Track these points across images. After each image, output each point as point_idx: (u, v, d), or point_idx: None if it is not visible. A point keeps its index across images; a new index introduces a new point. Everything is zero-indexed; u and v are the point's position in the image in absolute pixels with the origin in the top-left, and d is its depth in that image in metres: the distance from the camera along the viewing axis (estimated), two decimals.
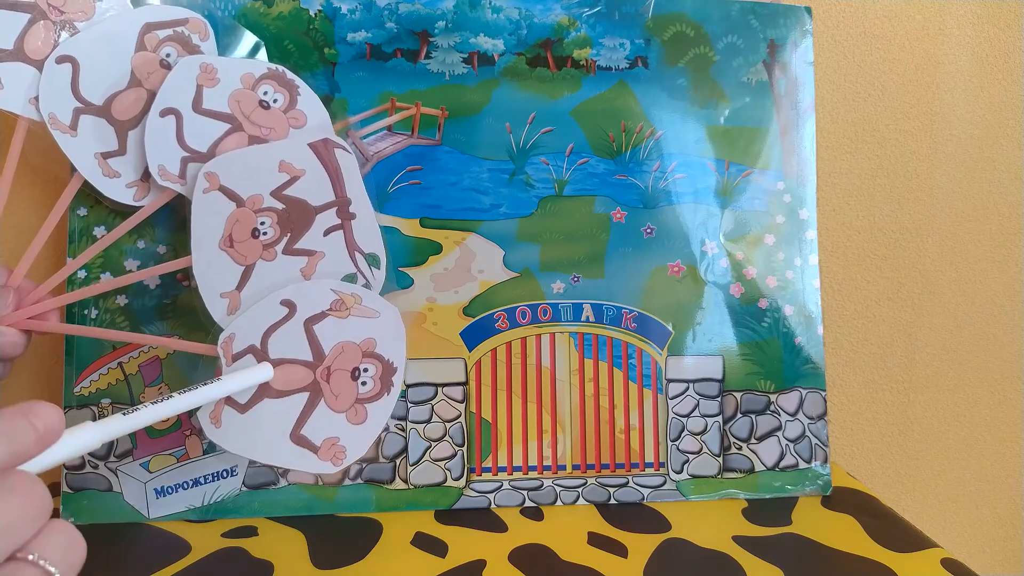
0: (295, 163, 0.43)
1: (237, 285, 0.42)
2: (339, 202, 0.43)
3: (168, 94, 0.42)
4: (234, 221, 0.42)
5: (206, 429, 0.41)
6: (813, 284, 0.53)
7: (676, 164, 0.52)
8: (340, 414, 0.42)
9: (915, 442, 0.67)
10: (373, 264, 0.44)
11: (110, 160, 0.43)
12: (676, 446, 0.51)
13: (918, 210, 0.65)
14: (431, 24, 0.50)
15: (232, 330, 0.41)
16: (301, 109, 0.44)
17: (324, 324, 0.42)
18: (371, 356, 0.43)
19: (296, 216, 0.43)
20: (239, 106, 0.43)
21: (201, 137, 0.43)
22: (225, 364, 0.41)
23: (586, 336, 0.51)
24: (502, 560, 0.43)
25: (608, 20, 0.52)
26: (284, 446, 0.41)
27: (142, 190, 0.43)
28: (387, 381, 0.43)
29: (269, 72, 0.44)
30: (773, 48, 0.53)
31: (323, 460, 0.42)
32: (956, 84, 0.65)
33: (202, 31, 0.44)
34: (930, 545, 0.46)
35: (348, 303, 0.42)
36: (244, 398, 0.41)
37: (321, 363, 0.42)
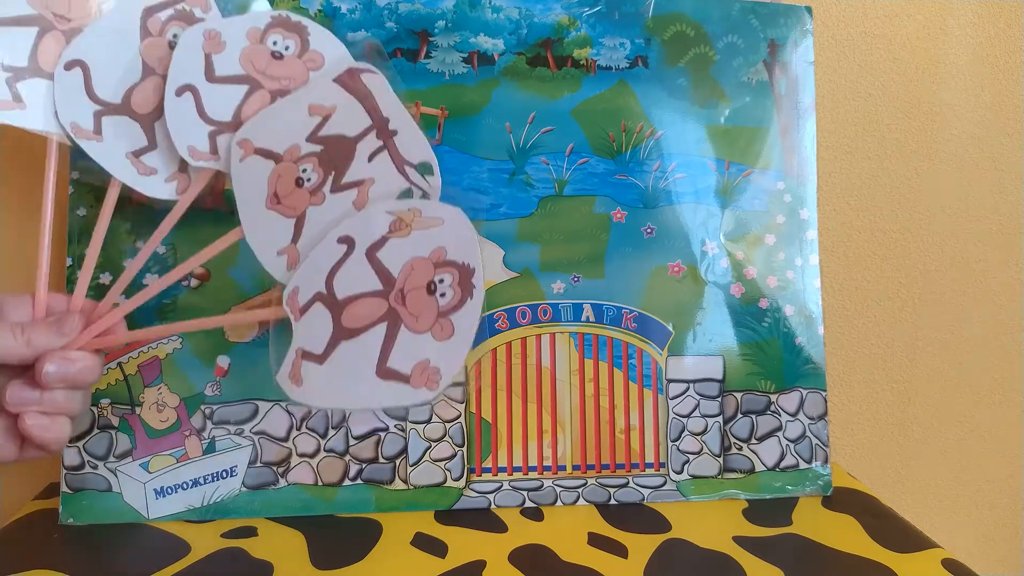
0: (324, 102, 0.41)
1: (292, 239, 0.40)
2: (377, 124, 0.41)
3: (178, 72, 0.41)
4: (276, 178, 0.40)
5: (287, 391, 0.39)
6: (814, 284, 0.53)
7: (676, 164, 0.52)
8: (424, 334, 0.40)
9: (915, 442, 0.67)
10: (426, 172, 0.42)
11: (143, 157, 0.41)
12: (676, 446, 0.51)
13: (918, 210, 0.65)
14: (431, 24, 0.50)
15: (295, 283, 0.40)
16: (315, 49, 0.43)
17: (388, 248, 0.40)
18: (444, 265, 0.40)
19: (336, 153, 0.41)
20: (252, 64, 0.42)
21: (223, 106, 0.41)
22: (294, 320, 0.39)
23: (586, 336, 0.51)
24: (502, 560, 0.43)
25: (608, 20, 0.52)
26: (373, 385, 0.39)
27: (183, 181, 0.42)
28: (467, 285, 0.40)
29: (273, 20, 0.43)
30: (773, 48, 0.53)
31: (417, 388, 0.39)
32: (956, 84, 0.65)
33: (203, 3, 0.43)
34: (930, 545, 0.46)
35: (407, 219, 0.40)
36: (319, 347, 0.39)
37: (393, 287, 0.40)
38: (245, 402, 0.47)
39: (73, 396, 0.38)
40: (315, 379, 0.39)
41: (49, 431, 0.37)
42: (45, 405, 0.37)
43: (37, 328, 0.38)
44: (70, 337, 0.38)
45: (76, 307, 0.40)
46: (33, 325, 0.38)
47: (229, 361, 0.47)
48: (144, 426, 0.47)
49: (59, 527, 0.45)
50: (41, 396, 0.37)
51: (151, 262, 0.46)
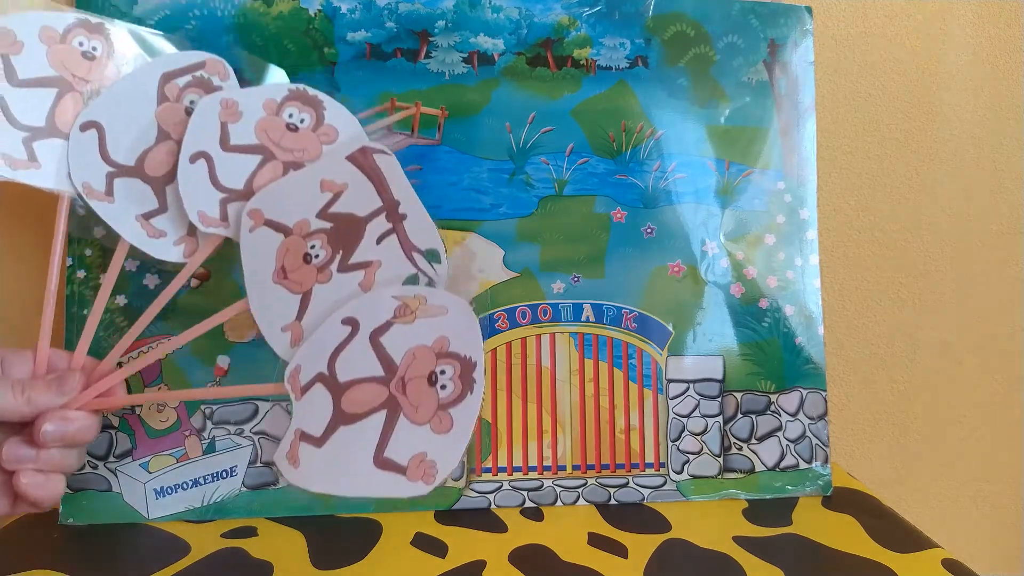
0: (336, 179, 0.41)
1: (297, 315, 0.40)
2: (387, 206, 0.42)
3: (194, 138, 0.41)
4: (284, 251, 0.41)
5: (284, 472, 0.39)
6: (814, 284, 0.53)
7: (676, 164, 0.52)
8: (423, 426, 0.40)
9: (915, 442, 0.67)
10: (433, 260, 0.42)
11: (152, 220, 0.42)
12: (676, 446, 0.51)
13: (918, 210, 0.65)
14: (431, 24, 0.50)
15: (297, 361, 0.40)
16: (330, 123, 0.43)
17: (391, 334, 0.40)
18: (446, 356, 0.40)
19: (345, 231, 0.41)
20: (267, 135, 0.42)
21: (235, 174, 0.42)
22: (295, 398, 0.39)
23: (586, 336, 0.51)
24: (502, 560, 0.43)
25: (608, 20, 0.52)
26: (370, 474, 0.39)
27: (191, 245, 0.42)
28: (467, 379, 0.40)
29: (291, 93, 0.43)
30: (773, 48, 0.53)
31: (413, 481, 0.39)
32: (956, 84, 0.65)
33: (221, 71, 0.43)
34: (930, 545, 0.46)
35: (412, 306, 0.40)
36: (318, 430, 0.39)
37: (394, 375, 0.40)
38: (245, 402, 0.47)
39: (69, 454, 0.39)
40: (313, 462, 0.39)
41: (43, 489, 0.37)
42: (41, 463, 0.37)
43: (37, 386, 0.38)
44: (70, 396, 0.38)
45: (77, 365, 0.40)
46: (33, 383, 0.38)
47: (229, 361, 0.47)
48: (144, 426, 0.47)
49: (59, 527, 0.45)
50: (37, 454, 0.37)
51: (152, 264, 0.46)
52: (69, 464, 0.39)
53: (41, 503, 0.38)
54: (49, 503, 0.38)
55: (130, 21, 0.46)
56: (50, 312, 0.40)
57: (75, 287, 0.46)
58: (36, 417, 0.37)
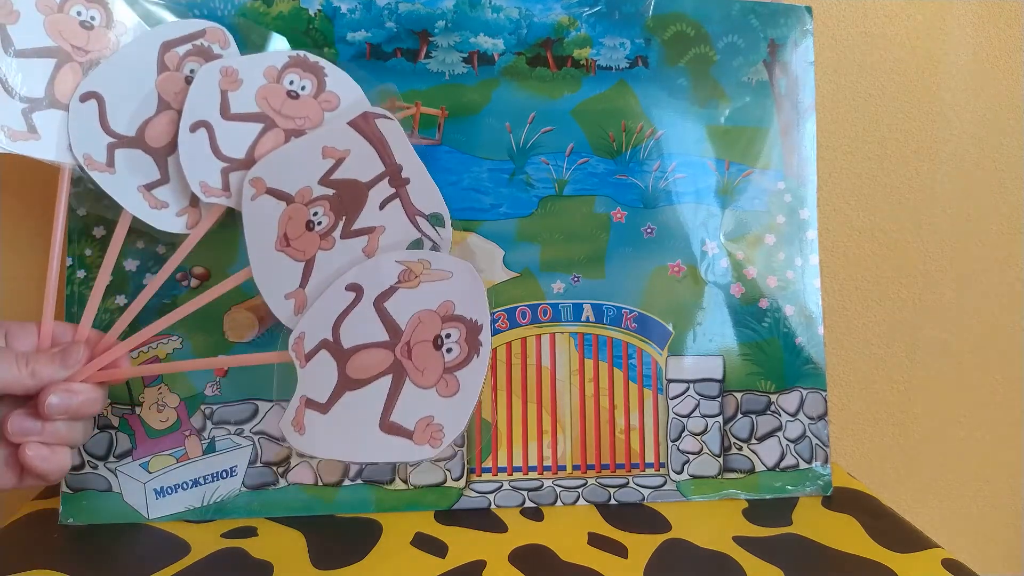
0: (338, 145, 0.41)
1: (300, 283, 0.40)
2: (390, 171, 0.41)
3: (194, 107, 0.41)
4: (287, 219, 0.40)
5: (290, 439, 0.39)
6: (814, 284, 0.53)
7: (676, 164, 0.52)
8: (429, 390, 0.40)
9: (915, 442, 0.67)
10: (437, 223, 0.42)
11: (155, 191, 0.41)
12: (676, 446, 0.51)
13: (918, 210, 0.65)
14: (431, 23, 0.50)
15: (301, 328, 0.39)
16: (331, 90, 0.43)
17: (395, 298, 0.40)
18: (452, 319, 0.40)
19: (348, 198, 0.41)
20: (268, 102, 0.42)
21: (236, 143, 0.41)
22: (299, 365, 0.39)
23: (586, 336, 0.51)
24: (502, 560, 0.43)
25: (608, 20, 0.52)
26: (376, 439, 0.39)
27: (193, 216, 0.42)
28: (474, 342, 0.40)
29: (291, 60, 0.43)
30: (773, 48, 0.53)
31: (420, 444, 0.39)
32: (956, 84, 0.65)
33: (221, 39, 0.43)
34: (930, 545, 0.46)
35: (416, 270, 0.40)
36: (323, 396, 0.39)
37: (399, 340, 0.40)
38: (245, 402, 0.47)
39: (74, 427, 0.39)
40: (318, 428, 0.39)
41: (49, 462, 0.37)
42: (46, 436, 0.37)
43: (42, 359, 0.38)
44: (74, 369, 0.38)
45: (81, 338, 0.40)
46: (38, 356, 0.38)
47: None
48: (144, 426, 0.47)
49: (59, 527, 0.45)
50: (43, 427, 0.37)
51: (151, 262, 0.46)
52: (74, 437, 0.39)
53: (47, 476, 0.38)
54: (55, 476, 0.38)
55: None
56: (53, 285, 0.39)
57: (75, 287, 0.46)
58: (41, 390, 0.37)
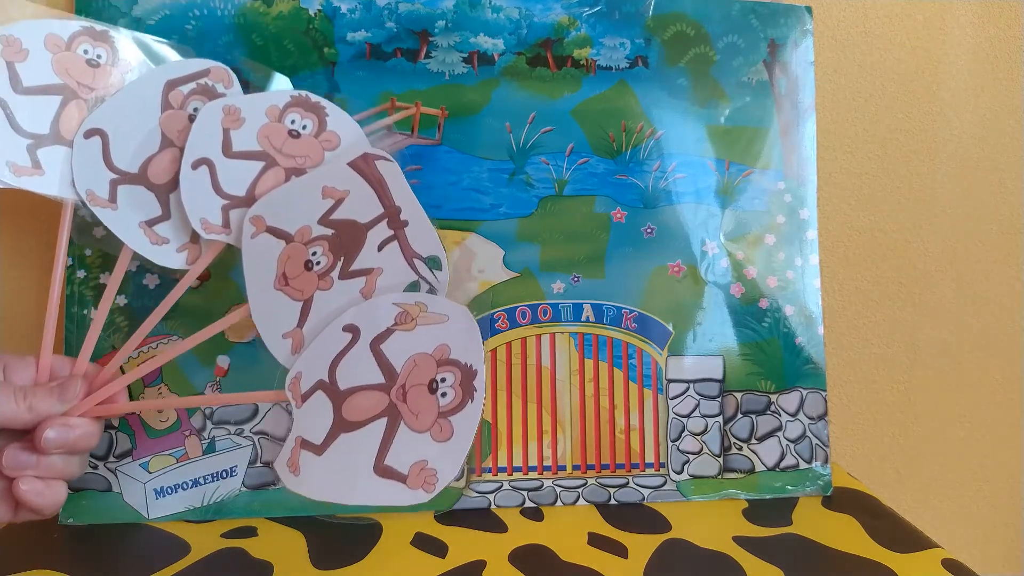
0: (338, 185, 0.41)
1: (298, 322, 0.40)
2: (388, 213, 0.42)
3: (196, 145, 0.41)
4: (286, 258, 0.40)
5: (284, 480, 0.39)
6: (814, 284, 0.53)
7: (676, 164, 0.52)
8: (424, 434, 0.40)
9: (915, 442, 0.67)
10: (434, 267, 0.42)
11: (156, 227, 0.42)
12: (676, 446, 0.51)
13: (918, 210, 0.65)
14: (431, 24, 0.50)
15: (298, 368, 0.40)
16: (332, 130, 0.43)
17: (392, 341, 0.40)
18: (447, 363, 0.40)
19: (347, 238, 0.41)
20: (269, 141, 0.42)
21: (237, 181, 0.42)
22: (295, 406, 0.39)
23: (586, 336, 0.51)
24: (502, 560, 0.43)
25: (608, 20, 0.52)
26: (370, 482, 0.39)
27: (193, 252, 0.42)
28: (468, 387, 0.41)
29: (293, 100, 0.43)
30: (773, 48, 0.53)
31: (414, 489, 0.39)
32: (956, 84, 0.65)
33: (225, 79, 0.43)
34: (930, 545, 0.46)
35: (413, 313, 0.40)
36: (319, 438, 0.39)
37: (395, 383, 0.40)
38: None
39: (70, 461, 0.39)
40: (313, 470, 0.39)
41: (43, 496, 0.37)
42: (42, 470, 0.37)
43: (39, 393, 0.38)
44: (72, 403, 0.38)
45: (79, 372, 0.40)
46: (35, 390, 0.38)
47: (229, 361, 0.47)
48: (144, 426, 0.47)
49: (59, 527, 0.45)
50: (38, 460, 0.37)
51: (152, 264, 0.46)
52: (70, 471, 0.39)
53: (42, 510, 0.38)
54: (50, 510, 0.38)
55: (130, 21, 0.46)
56: (53, 319, 0.40)
57: (75, 287, 0.46)
58: (38, 424, 0.37)
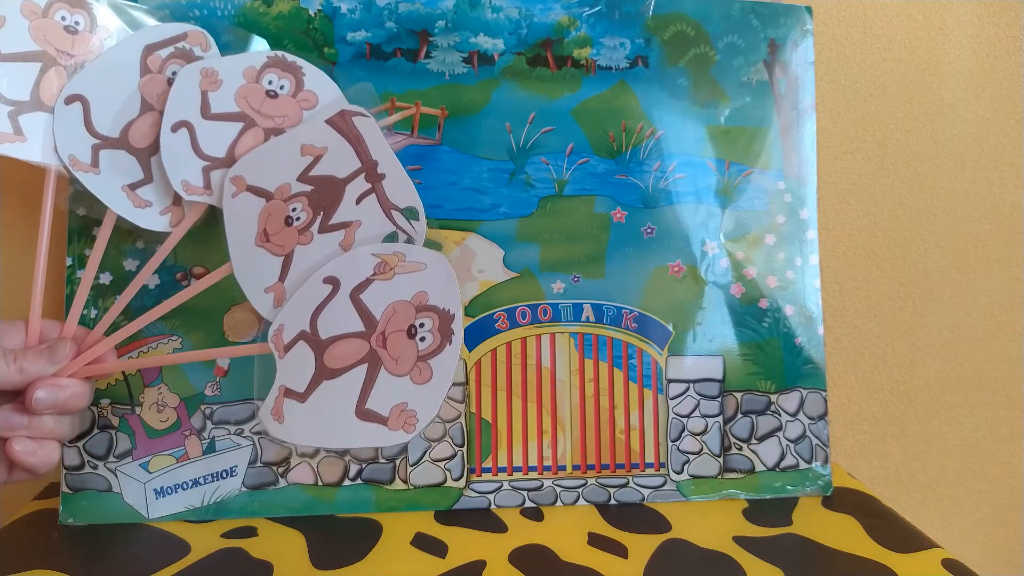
0: (316, 143, 0.42)
1: (279, 276, 0.41)
2: (366, 167, 0.42)
3: (175, 108, 0.42)
4: (266, 215, 0.41)
5: (269, 428, 0.40)
6: (814, 284, 0.53)
7: (676, 164, 0.52)
8: (403, 377, 0.41)
9: (915, 442, 0.67)
10: (411, 217, 0.43)
11: (138, 190, 0.42)
12: (676, 446, 0.51)
13: (918, 210, 0.65)
14: (431, 23, 0.50)
15: (280, 321, 0.41)
16: (310, 89, 0.44)
17: (371, 290, 0.41)
18: (425, 309, 0.41)
19: (326, 193, 0.42)
20: (247, 102, 0.43)
21: (217, 142, 0.42)
22: (278, 357, 0.40)
23: (586, 336, 0.51)
24: (502, 560, 0.43)
25: (608, 19, 0.52)
26: (352, 425, 0.40)
27: (176, 214, 0.43)
28: (446, 331, 0.42)
29: (270, 60, 0.44)
30: (773, 48, 0.53)
31: (394, 430, 0.40)
32: (956, 84, 0.65)
33: (203, 42, 0.44)
34: (930, 545, 0.46)
35: (391, 263, 0.41)
36: (302, 385, 0.40)
37: (374, 330, 0.41)
38: (245, 402, 0.47)
39: (62, 421, 0.39)
40: (296, 417, 0.40)
41: (36, 456, 0.38)
42: (33, 430, 0.38)
43: (29, 355, 0.38)
44: (61, 364, 0.39)
45: (68, 334, 0.41)
46: (25, 352, 0.39)
47: (229, 361, 0.47)
48: (144, 426, 0.47)
49: (59, 527, 0.45)
50: (30, 421, 0.38)
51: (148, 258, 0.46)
52: (62, 432, 0.39)
53: (35, 469, 0.38)
54: (43, 469, 0.39)
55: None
56: (40, 283, 0.40)
57: (75, 287, 0.46)
58: (28, 385, 0.38)
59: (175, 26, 0.44)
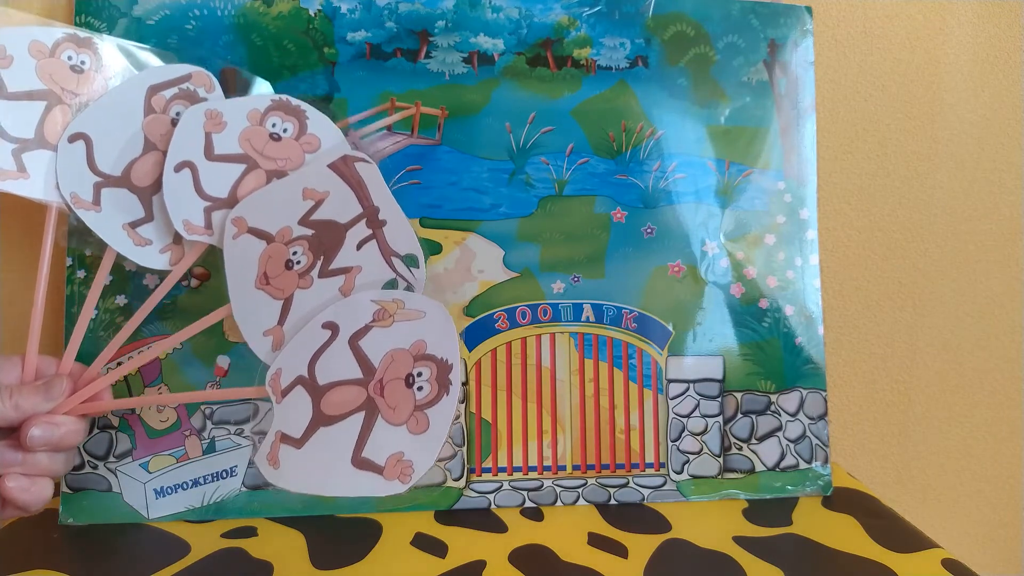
0: (318, 187, 0.42)
1: (279, 320, 0.41)
2: (367, 212, 0.42)
3: (178, 148, 0.42)
4: (267, 258, 0.41)
5: (264, 473, 0.40)
6: (814, 284, 0.53)
7: (676, 164, 0.52)
8: (400, 427, 0.40)
9: (915, 442, 0.67)
10: (411, 264, 0.43)
11: (139, 229, 0.42)
12: (676, 446, 0.51)
13: (918, 210, 0.65)
14: (431, 24, 0.50)
15: (278, 365, 0.40)
16: (312, 132, 0.44)
17: (370, 337, 0.41)
18: (423, 358, 0.41)
19: (327, 238, 0.42)
20: (250, 144, 0.43)
21: (219, 183, 0.42)
22: (275, 401, 0.40)
23: (586, 336, 0.51)
24: (502, 560, 0.43)
25: (608, 19, 0.52)
26: (348, 474, 0.40)
27: (176, 253, 0.43)
28: (444, 381, 0.41)
29: (274, 103, 0.44)
30: (773, 48, 0.53)
31: (390, 480, 0.40)
32: (956, 84, 0.64)
33: (207, 83, 0.44)
34: (930, 545, 0.46)
35: (390, 310, 0.41)
36: (298, 431, 0.40)
37: (372, 377, 0.41)
38: (245, 402, 0.47)
39: (56, 458, 0.39)
40: (292, 463, 0.40)
41: (29, 493, 0.38)
42: (27, 467, 0.38)
43: (25, 391, 0.38)
44: (57, 401, 0.39)
45: (64, 371, 0.41)
46: (21, 388, 0.38)
47: (229, 361, 0.47)
48: (144, 426, 0.47)
49: (59, 527, 0.45)
50: (24, 458, 0.38)
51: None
52: (56, 469, 0.39)
53: (28, 507, 0.38)
54: (35, 507, 0.38)
55: (130, 21, 0.47)
56: (38, 320, 0.40)
57: (75, 287, 0.46)
58: (23, 422, 0.38)
59: (179, 67, 0.44)
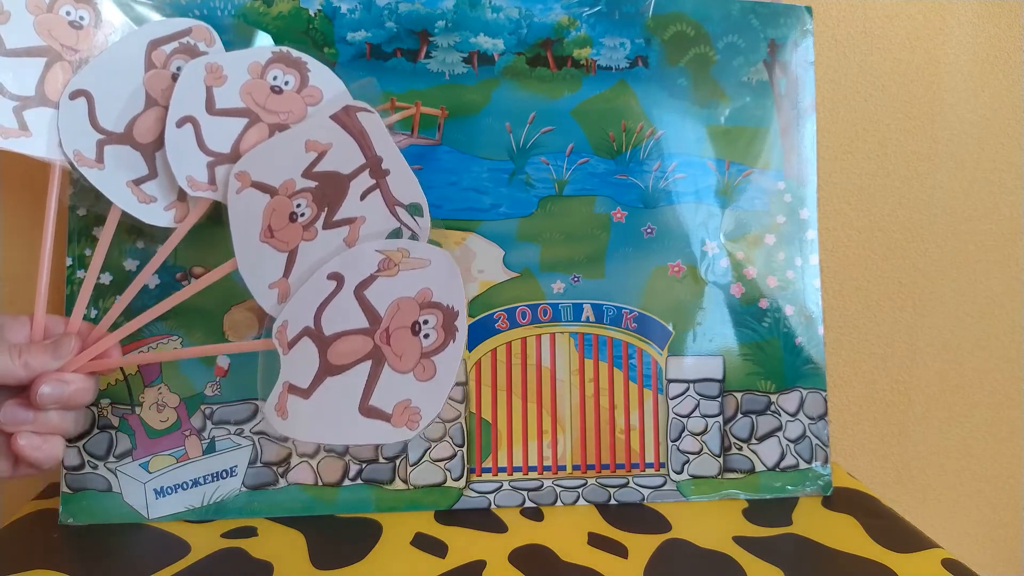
0: (320, 139, 0.42)
1: (284, 272, 0.41)
2: (370, 163, 0.42)
3: (180, 103, 0.42)
4: (271, 211, 0.41)
5: (273, 423, 0.40)
6: (814, 284, 0.53)
7: (676, 164, 0.52)
8: (407, 374, 0.41)
9: (915, 442, 0.67)
10: (415, 213, 0.43)
11: (143, 186, 0.42)
12: (676, 446, 0.51)
13: (918, 210, 0.65)
14: (431, 23, 0.50)
15: (284, 317, 0.41)
16: (314, 85, 0.44)
17: (375, 287, 0.41)
18: (429, 306, 0.41)
19: (330, 189, 0.42)
20: (252, 97, 0.43)
21: (222, 138, 0.42)
22: (282, 352, 0.40)
23: (586, 336, 0.51)
24: (502, 561, 0.43)
25: (608, 19, 0.52)
26: (356, 422, 0.40)
27: (181, 210, 0.43)
28: (450, 327, 0.41)
29: (274, 55, 0.44)
30: (773, 48, 0.53)
31: (398, 427, 0.40)
32: (956, 84, 0.65)
33: (207, 37, 0.44)
34: (930, 545, 0.46)
35: (395, 259, 0.41)
36: (305, 382, 0.40)
37: (378, 326, 0.41)
38: (245, 402, 0.47)
39: (66, 416, 0.39)
40: (300, 413, 0.40)
41: (41, 451, 0.38)
42: (38, 425, 0.38)
43: (34, 350, 0.38)
44: (66, 359, 0.39)
45: (73, 329, 0.41)
46: (30, 347, 0.39)
47: (229, 361, 0.47)
48: (144, 426, 0.47)
49: (59, 527, 0.45)
50: (35, 416, 0.38)
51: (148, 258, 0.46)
52: (66, 427, 0.39)
53: (40, 464, 0.38)
54: (48, 464, 0.39)
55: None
56: (45, 279, 0.40)
57: (75, 287, 0.46)
58: (33, 380, 0.38)
59: (179, 21, 0.44)
